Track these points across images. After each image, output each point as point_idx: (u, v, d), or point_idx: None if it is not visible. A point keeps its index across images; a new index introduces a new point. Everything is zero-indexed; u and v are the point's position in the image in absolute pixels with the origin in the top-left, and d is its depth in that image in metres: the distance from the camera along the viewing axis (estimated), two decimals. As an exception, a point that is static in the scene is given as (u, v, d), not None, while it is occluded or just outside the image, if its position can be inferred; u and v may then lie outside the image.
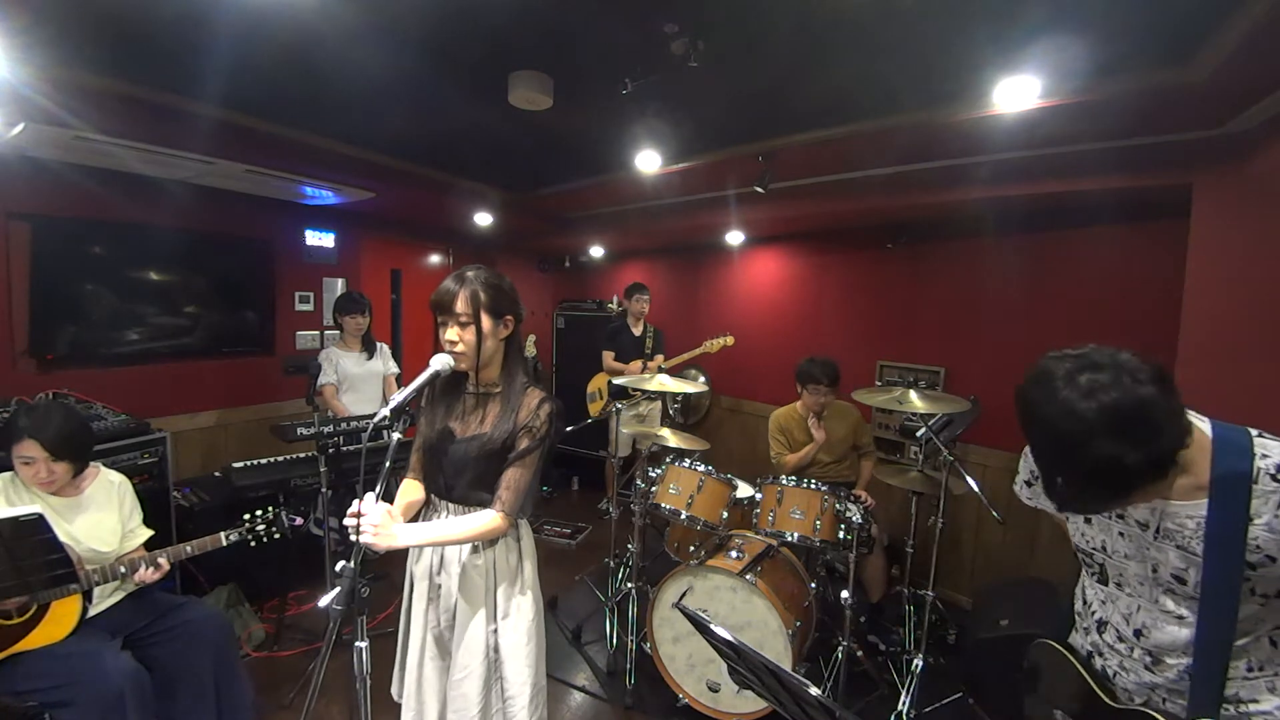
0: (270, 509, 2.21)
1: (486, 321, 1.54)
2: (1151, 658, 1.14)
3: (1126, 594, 1.17)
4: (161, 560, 2.00)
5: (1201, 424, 1.05)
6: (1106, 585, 1.22)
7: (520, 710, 1.62)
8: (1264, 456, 0.99)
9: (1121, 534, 1.14)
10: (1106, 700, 1.19)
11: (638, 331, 4.52)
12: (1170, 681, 1.12)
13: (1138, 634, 1.15)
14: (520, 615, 1.65)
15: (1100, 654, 1.24)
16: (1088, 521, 1.21)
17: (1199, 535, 1.02)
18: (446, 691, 1.63)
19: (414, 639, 1.69)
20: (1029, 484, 1.36)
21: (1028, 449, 1.23)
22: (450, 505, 1.63)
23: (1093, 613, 1.27)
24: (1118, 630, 1.20)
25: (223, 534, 2.10)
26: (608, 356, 4.52)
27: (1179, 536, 1.05)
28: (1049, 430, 0.98)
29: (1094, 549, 1.21)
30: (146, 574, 1.98)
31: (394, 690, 1.77)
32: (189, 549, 2.05)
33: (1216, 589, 1.02)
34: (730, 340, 4.24)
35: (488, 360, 1.59)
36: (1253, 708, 1.06)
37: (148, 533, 2.19)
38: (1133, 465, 0.92)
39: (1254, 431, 1.03)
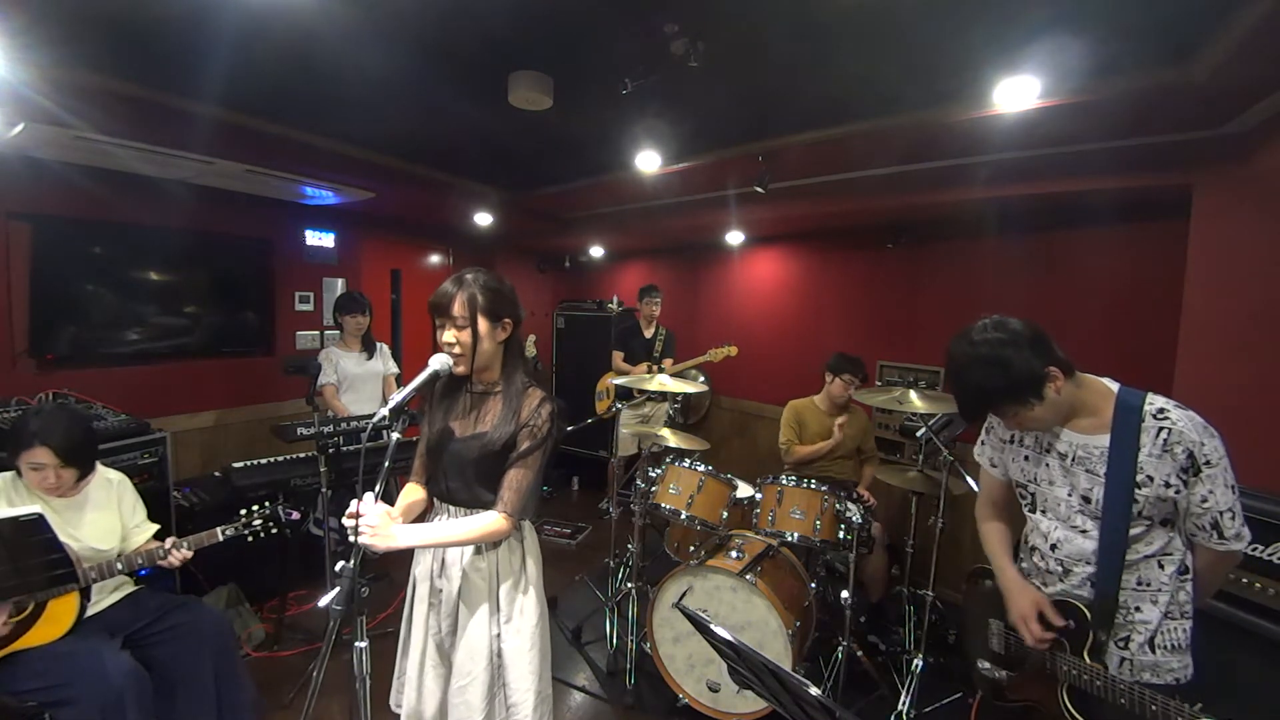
0: (268, 504, 2.21)
1: (483, 324, 1.54)
2: (1063, 568, 1.47)
3: (1049, 518, 1.50)
4: (186, 550, 2.03)
5: (1111, 385, 1.42)
6: (1035, 513, 1.54)
7: (524, 718, 1.60)
8: (1150, 404, 1.35)
9: (1048, 464, 1.48)
10: None
11: (649, 334, 4.53)
12: (1074, 587, 1.46)
13: (1054, 548, 1.48)
14: (524, 619, 1.63)
15: (1030, 575, 1.57)
16: (1025, 459, 1.54)
17: (1102, 460, 1.38)
18: (448, 699, 1.61)
19: (414, 646, 1.67)
20: (982, 440, 1.70)
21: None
22: (451, 507, 1.62)
23: (1026, 541, 1.60)
24: (1040, 550, 1.52)
25: (219, 529, 2.10)
26: (617, 357, 4.53)
27: (1088, 462, 1.40)
28: (951, 362, 1.43)
29: (1028, 480, 1.54)
30: (176, 556, 2.00)
31: (392, 700, 1.75)
32: (186, 544, 2.05)
33: (1113, 500, 1.36)
34: (733, 350, 4.24)
35: (486, 363, 1.59)
36: (1137, 615, 1.39)
37: (154, 527, 2.20)
38: (994, 388, 1.36)
39: (1150, 393, 1.37)
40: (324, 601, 1.31)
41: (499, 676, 1.61)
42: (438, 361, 1.54)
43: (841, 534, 2.48)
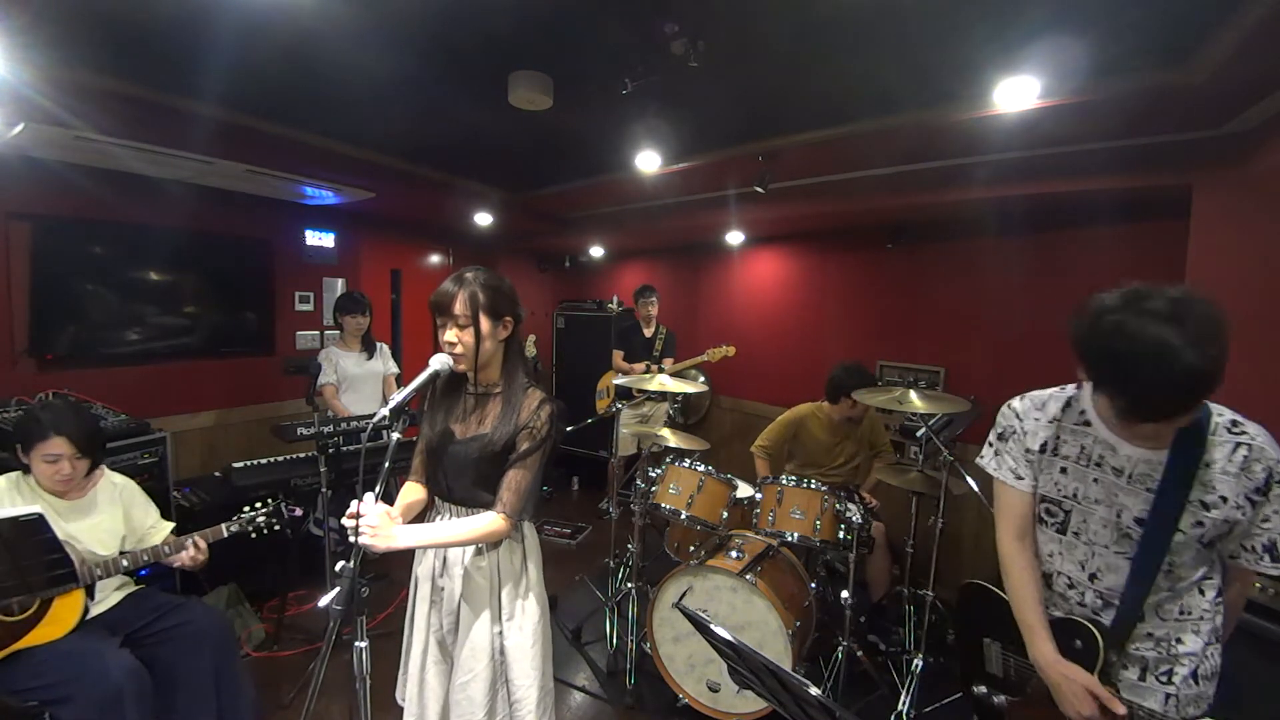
0: (270, 501, 2.22)
1: (485, 323, 1.54)
2: (1103, 600, 1.30)
3: (1083, 542, 1.32)
4: (200, 544, 2.04)
5: None
6: (1064, 535, 1.35)
7: (528, 713, 1.61)
8: (1220, 415, 1.18)
9: (1096, 480, 1.28)
10: None
11: (649, 333, 4.54)
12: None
13: (1092, 578, 1.30)
14: (525, 617, 1.65)
15: (1049, 606, 1.38)
16: (1063, 471, 1.33)
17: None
18: (449, 695, 1.62)
19: (416, 642, 1.68)
20: (995, 450, 1.47)
21: (1003, 412, 1.44)
22: (451, 507, 1.63)
23: (1049, 566, 1.40)
24: (1069, 578, 1.35)
25: (224, 525, 2.11)
26: (617, 356, 4.55)
27: (1149, 480, 1.20)
28: (1141, 346, 1.02)
29: (1064, 497, 1.33)
30: (184, 556, 2.01)
31: (398, 693, 1.76)
32: (195, 540, 2.06)
33: (1160, 516, 1.19)
34: (731, 351, 4.25)
35: (486, 361, 1.59)
36: (1180, 648, 1.26)
37: (169, 525, 2.22)
38: (1216, 375, 1.00)
39: (1214, 403, 1.19)
40: (324, 601, 1.31)
41: (502, 673, 1.62)
42: (438, 362, 1.54)
43: (841, 534, 2.48)
